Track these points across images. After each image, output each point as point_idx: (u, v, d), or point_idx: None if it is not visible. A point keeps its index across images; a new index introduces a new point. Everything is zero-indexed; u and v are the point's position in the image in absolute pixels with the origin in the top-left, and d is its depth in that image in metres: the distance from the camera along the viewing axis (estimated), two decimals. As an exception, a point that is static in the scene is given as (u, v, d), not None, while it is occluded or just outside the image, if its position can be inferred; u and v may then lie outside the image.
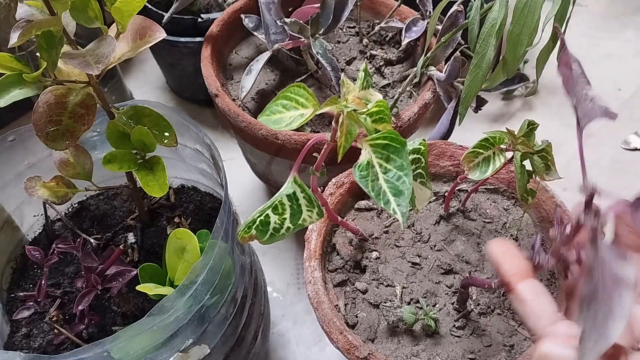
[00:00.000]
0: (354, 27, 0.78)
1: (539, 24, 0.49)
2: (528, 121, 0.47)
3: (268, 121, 0.37)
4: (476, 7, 0.54)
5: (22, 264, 0.59)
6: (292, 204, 0.39)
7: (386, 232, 0.55)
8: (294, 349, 0.73)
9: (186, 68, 0.93)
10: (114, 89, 0.93)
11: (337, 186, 0.56)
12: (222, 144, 0.94)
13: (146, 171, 0.49)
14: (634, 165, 0.92)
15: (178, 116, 0.52)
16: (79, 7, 0.43)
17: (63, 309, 0.52)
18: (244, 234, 0.39)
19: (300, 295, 0.77)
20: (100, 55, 0.40)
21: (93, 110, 0.44)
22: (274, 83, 0.72)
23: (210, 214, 0.61)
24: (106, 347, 0.39)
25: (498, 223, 0.56)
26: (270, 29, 0.67)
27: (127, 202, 0.62)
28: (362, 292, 0.51)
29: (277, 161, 0.68)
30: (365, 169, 0.35)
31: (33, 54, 0.71)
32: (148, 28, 0.48)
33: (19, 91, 0.42)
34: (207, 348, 0.48)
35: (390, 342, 0.48)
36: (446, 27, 0.63)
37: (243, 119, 0.62)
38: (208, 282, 0.44)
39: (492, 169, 0.47)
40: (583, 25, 1.16)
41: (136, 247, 0.57)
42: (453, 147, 0.59)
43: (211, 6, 0.90)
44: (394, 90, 0.71)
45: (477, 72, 0.53)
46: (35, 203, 0.60)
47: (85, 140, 0.55)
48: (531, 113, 1.00)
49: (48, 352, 0.51)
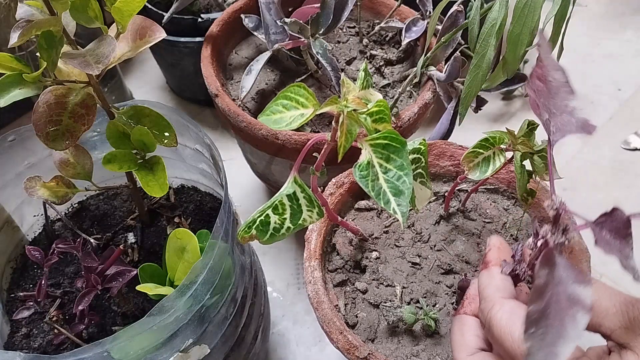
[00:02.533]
0: (354, 27, 0.78)
1: (539, 24, 0.49)
2: (528, 121, 0.47)
3: (268, 121, 0.37)
4: (476, 7, 0.54)
5: (22, 264, 0.59)
6: (292, 204, 0.39)
7: (386, 232, 0.55)
8: (294, 349, 0.73)
9: (186, 68, 0.93)
10: (114, 89, 0.93)
11: (337, 186, 0.56)
12: (222, 144, 0.94)
13: (146, 171, 0.49)
14: (634, 165, 0.92)
15: (178, 116, 0.52)
16: (79, 7, 0.43)
17: (63, 309, 0.52)
18: (244, 234, 0.39)
19: (300, 295, 0.77)
20: (100, 55, 0.41)
21: (93, 110, 0.44)
22: (274, 83, 0.72)
23: (210, 214, 0.61)
24: (106, 347, 0.39)
25: (498, 223, 0.56)
26: (270, 29, 0.67)
27: (127, 202, 0.62)
28: (362, 292, 0.51)
29: (277, 161, 0.68)
30: (366, 169, 0.35)
31: (33, 54, 0.71)
32: (148, 28, 0.48)
33: (19, 91, 0.42)
34: (207, 348, 0.48)
35: (390, 342, 0.48)
36: (446, 27, 0.63)
37: (243, 119, 0.62)
38: (208, 282, 0.44)
39: (492, 169, 0.47)
40: (583, 25, 1.16)
41: (136, 247, 0.57)
42: (453, 147, 0.59)
43: (211, 6, 0.90)
44: (394, 90, 0.71)
45: (477, 72, 0.53)
46: (35, 203, 0.60)
47: (85, 140, 0.55)
48: (531, 113, 0.98)
49: (48, 352, 0.51)
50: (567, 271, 0.27)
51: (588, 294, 0.26)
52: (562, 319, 0.25)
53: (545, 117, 0.32)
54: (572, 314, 0.25)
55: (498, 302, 0.35)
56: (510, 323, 0.33)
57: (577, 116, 0.31)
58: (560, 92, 0.32)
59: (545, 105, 0.32)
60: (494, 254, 0.40)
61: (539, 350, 0.25)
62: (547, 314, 0.26)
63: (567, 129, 0.31)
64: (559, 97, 0.32)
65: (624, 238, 0.29)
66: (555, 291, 0.26)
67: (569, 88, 0.32)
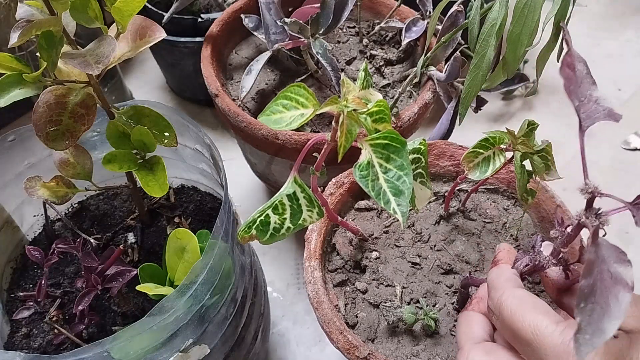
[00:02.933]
0: (354, 27, 0.78)
1: (539, 24, 0.49)
2: (528, 121, 0.47)
3: (268, 121, 0.37)
4: (476, 7, 0.54)
5: (22, 264, 0.59)
6: (292, 203, 0.39)
7: (386, 232, 0.55)
8: (294, 349, 0.73)
9: (186, 68, 0.93)
10: (114, 89, 0.93)
11: (337, 186, 0.56)
12: (222, 144, 0.94)
13: (146, 171, 0.49)
14: (634, 165, 0.92)
15: (178, 116, 0.52)
16: (79, 7, 0.43)
17: (63, 309, 0.52)
18: (244, 233, 0.39)
19: (300, 295, 0.77)
20: (100, 55, 0.40)
21: (93, 110, 0.44)
22: (274, 83, 0.72)
23: (210, 214, 0.61)
24: (106, 347, 0.39)
25: (498, 223, 0.56)
26: (270, 29, 0.67)
27: (127, 202, 0.62)
28: (362, 292, 0.51)
29: (277, 161, 0.68)
30: (366, 169, 0.35)
31: (33, 54, 0.71)
32: (148, 28, 0.48)
33: (19, 91, 0.42)
34: (207, 348, 0.48)
35: (390, 342, 0.48)
36: (446, 27, 0.63)
37: (243, 119, 0.62)
38: (208, 282, 0.44)
39: (492, 169, 0.47)
40: (583, 25, 1.16)
41: (136, 247, 0.57)
42: (453, 147, 0.59)
43: (211, 6, 0.90)
44: (394, 90, 0.71)
45: (477, 72, 0.53)
46: (35, 203, 0.60)
47: (85, 140, 0.55)
48: (531, 113, 1.00)
49: (48, 352, 0.51)
50: (609, 250, 0.28)
51: (630, 274, 0.27)
52: (607, 297, 0.26)
53: (577, 104, 0.33)
54: (615, 293, 0.26)
55: (508, 289, 0.36)
56: (521, 308, 0.34)
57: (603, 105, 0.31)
58: (584, 82, 0.33)
59: (575, 92, 0.32)
60: (504, 254, 0.41)
61: (587, 325, 0.26)
62: (595, 290, 0.27)
63: (595, 116, 0.32)
64: (583, 86, 0.33)
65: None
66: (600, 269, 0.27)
67: (591, 79, 0.33)
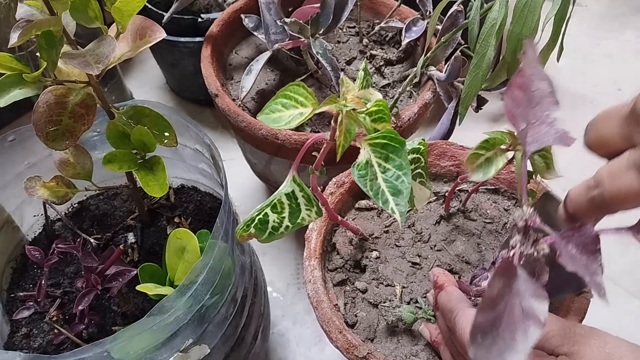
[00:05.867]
0: (354, 27, 0.78)
1: (539, 24, 0.49)
2: (528, 121, 0.46)
3: (267, 119, 0.37)
4: (476, 7, 0.54)
5: (22, 264, 0.59)
6: (290, 202, 0.39)
7: (386, 232, 0.55)
8: (294, 349, 0.73)
9: (186, 68, 0.93)
10: (114, 89, 0.93)
11: (338, 185, 0.56)
12: (222, 144, 0.94)
13: (146, 171, 0.49)
14: (634, 165, 0.91)
15: (178, 116, 0.52)
16: (79, 7, 0.43)
17: (63, 309, 0.52)
18: (242, 232, 0.39)
19: (300, 295, 0.77)
20: (100, 55, 0.41)
21: (93, 110, 0.44)
22: (274, 83, 0.72)
23: (210, 214, 0.61)
24: (106, 347, 0.39)
25: (498, 223, 0.56)
26: (270, 29, 0.67)
27: (127, 202, 0.62)
28: (362, 292, 0.51)
29: (277, 161, 0.68)
30: (364, 168, 0.35)
31: (33, 54, 0.71)
32: (148, 28, 0.48)
33: (19, 91, 0.42)
34: (207, 348, 0.48)
35: (390, 341, 0.48)
36: (446, 27, 0.63)
37: (243, 119, 0.62)
38: (208, 282, 0.44)
39: (494, 170, 0.46)
40: (583, 25, 1.16)
41: (136, 247, 0.58)
42: (454, 147, 0.59)
43: (211, 6, 0.90)
44: (394, 90, 0.71)
45: (477, 72, 0.53)
46: (35, 203, 0.60)
47: (85, 140, 0.55)
48: (531, 113, 1.00)
49: (48, 352, 0.51)
50: (526, 284, 0.27)
51: (544, 310, 0.26)
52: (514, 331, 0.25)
53: (522, 127, 0.32)
54: (524, 327, 0.25)
55: (461, 310, 0.39)
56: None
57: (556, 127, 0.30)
58: (543, 102, 0.31)
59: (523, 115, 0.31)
60: (442, 278, 0.45)
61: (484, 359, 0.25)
62: (498, 324, 0.26)
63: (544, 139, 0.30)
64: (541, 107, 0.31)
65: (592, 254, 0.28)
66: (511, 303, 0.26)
67: (554, 99, 0.31)
